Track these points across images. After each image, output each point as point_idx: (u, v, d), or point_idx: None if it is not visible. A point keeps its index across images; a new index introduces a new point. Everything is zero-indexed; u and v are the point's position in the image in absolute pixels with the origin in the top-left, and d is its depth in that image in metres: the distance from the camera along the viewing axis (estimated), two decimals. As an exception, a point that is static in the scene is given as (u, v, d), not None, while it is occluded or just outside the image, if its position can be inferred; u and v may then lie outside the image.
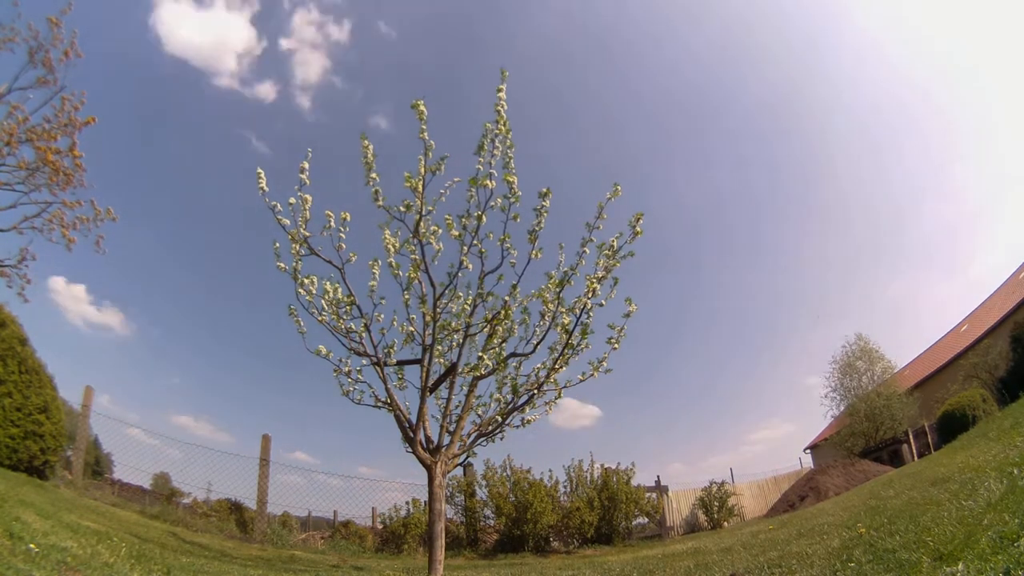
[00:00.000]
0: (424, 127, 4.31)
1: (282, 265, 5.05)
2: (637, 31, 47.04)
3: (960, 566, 2.32)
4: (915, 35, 46.43)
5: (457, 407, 5.21)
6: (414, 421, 5.02)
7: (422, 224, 4.66)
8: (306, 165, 4.90)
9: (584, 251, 4.76)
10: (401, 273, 5.16)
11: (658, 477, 14.91)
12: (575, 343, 4.92)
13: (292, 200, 4.88)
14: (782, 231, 50.72)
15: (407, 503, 10.43)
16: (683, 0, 46.98)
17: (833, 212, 50.68)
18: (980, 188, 46.36)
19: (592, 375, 5.08)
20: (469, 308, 5.11)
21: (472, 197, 4.43)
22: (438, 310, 4.96)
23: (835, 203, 50.58)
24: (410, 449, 4.91)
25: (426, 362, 5.08)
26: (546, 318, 5.03)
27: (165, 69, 36.54)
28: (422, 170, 4.38)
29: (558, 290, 4.87)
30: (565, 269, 4.88)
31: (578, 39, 47.01)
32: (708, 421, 43.50)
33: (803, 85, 47.53)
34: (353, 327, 5.26)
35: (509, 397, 5.22)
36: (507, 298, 5.00)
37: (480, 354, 5.06)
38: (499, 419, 5.22)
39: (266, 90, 42.53)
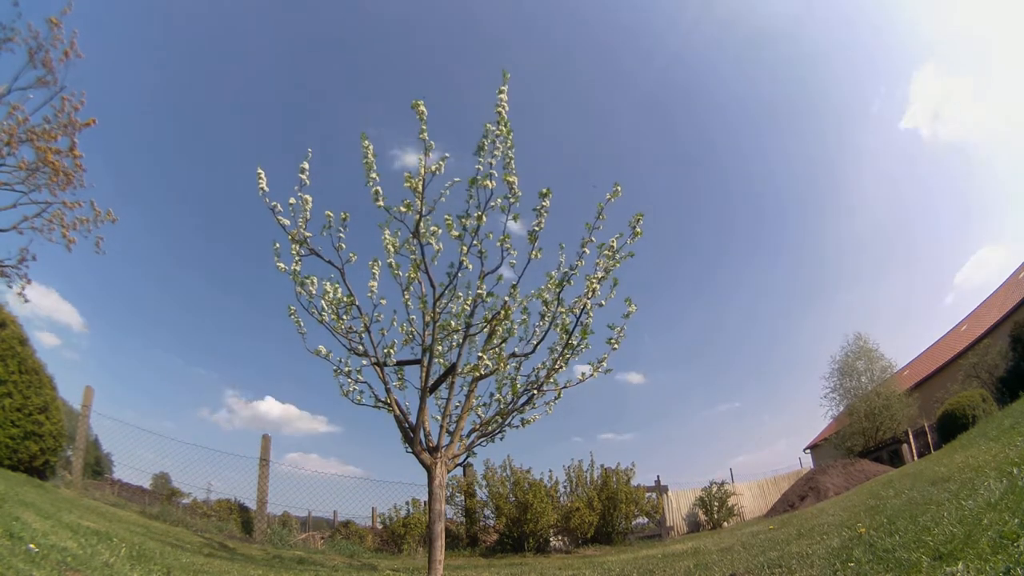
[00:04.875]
0: (424, 127, 4.31)
1: (282, 265, 5.06)
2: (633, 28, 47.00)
3: (960, 566, 2.32)
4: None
5: (457, 407, 5.21)
6: (414, 421, 5.02)
7: (422, 224, 4.66)
8: (306, 166, 4.90)
9: (584, 251, 4.75)
10: (401, 273, 5.16)
11: (658, 477, 14.92)
12: (575, 343, 4.92)
13: (292, 200, 4.88)
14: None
15: (407, 503, 10.43)
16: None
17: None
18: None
19: (592, 375, 5.08)
20: (469, 308, 5.10)
21: (472, 197, 4.43)
22: (438, 310, 4.96)
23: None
24: (410, 449, 4.91)
25: (426, 362, 5.08)
26: (546, 318, 5.03)
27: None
28: (422, 170, 4.38)
29: (558, 290, 4.87)
30: (565, 270, 4.88)
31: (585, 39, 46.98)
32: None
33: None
34: (353, 327, 5.26)
35: (509, 397, 5.22)
36: (507, 298, 5.00)
37: (480, 354, 5.06)
38: (499, 419, 5.22)
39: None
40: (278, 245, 5.04)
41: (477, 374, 5.17)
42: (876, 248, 51.01)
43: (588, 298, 4.77)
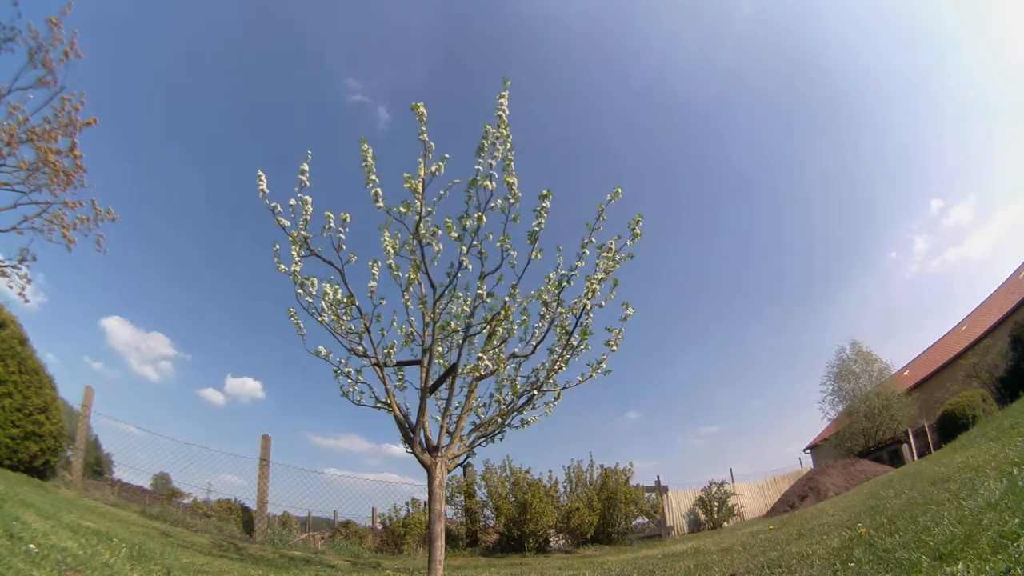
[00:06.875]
0: (424, 129, 4.31)
1: (282, 267, 5.05)
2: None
3: (960, 566, 2.33)
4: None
5: (457, 408, 5.21)
6: (414, 422, 5.03)
7: (422, 225, 4.66)
8: (306, 167, 4.89)
9: (584, 252, 4.76)
10: (401, 274, 5.16)
11: (658, 477, 14.96)
12: (575, 344, 4.92)
13: (292, 201, 4.87)
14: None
15: (407, 503, 10.44)
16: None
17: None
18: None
19: (591, 376, 5.08)
20: (469, 309, 5.10)
21: (471, 198, 4.43)
22: (438, 311, 4.96)
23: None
24: (410, 450, 4.91)
25: (426, 363, 5.09)
26: (545, 319, 5.03)
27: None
28: (422, 172, 4.38)
29: (557, 291, 4.87)
30: (563, 272, 4.88)
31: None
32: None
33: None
34: (353, 328, 5.26)
35: (509, 398, 5.22)
36: (507, 299, 5.00)
37: (480, 355, 5.06)
38: (499, 420, 5.22)
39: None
40: (278, 246, 5.04)
41: (477, 374, 5.18)
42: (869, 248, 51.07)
43: (588, 299, 4.77)
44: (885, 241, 50.69)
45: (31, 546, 2.76)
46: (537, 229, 4.58)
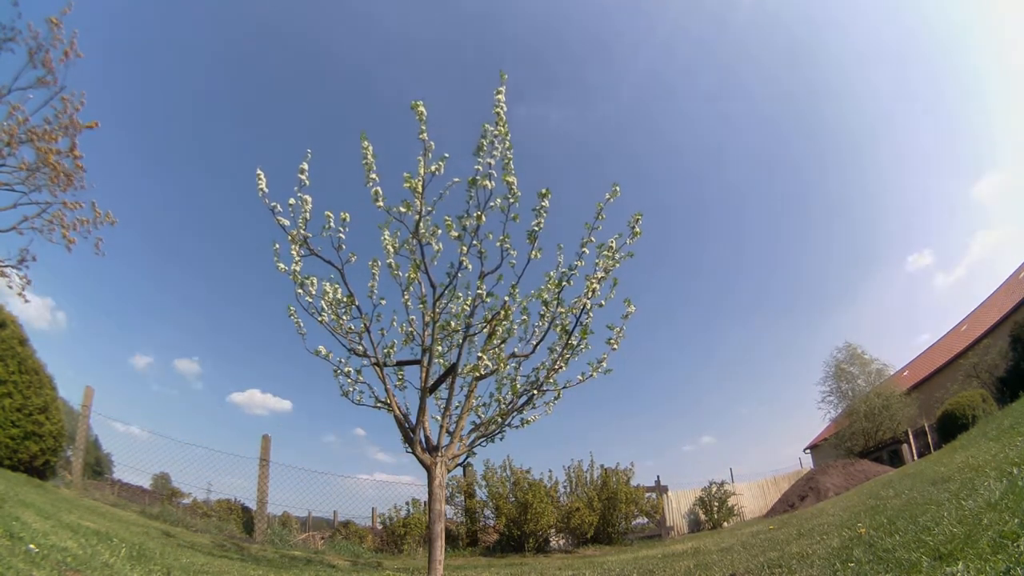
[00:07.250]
0: (424, 128, 4.31)
1: (282, 266, 5.05)
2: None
3: (960, 566, 2.32)
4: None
5: (457, 407, 5.21)
6: (414, 422, 5.02)
7: (421, 224, 4.66)
8: (305, 166, 4.89)
9: (584, 251, 4.75)
10: (401, 274, 5.16)
11: (658, 477, 14.96)
12: (575, 343, 4.92)
13: (292, 201, 4.87)
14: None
15: (407, 503, 10.44)
16: None
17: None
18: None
19: (592, 375, 5.07)
20: (469, 308, 5.10)
21: (471, 198, 4.43)
22: (438, 310, 4.96)
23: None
24: (410, 449, 4.91)
25: (426, 362, 5.08)
26: (545, 319, 5.02)
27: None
28: (421, 171, 4.38)
29: (557, 290, 4.86)
30: (564, 270, 4.88)
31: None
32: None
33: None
34: (353, 328, 5.26)
35: (509, 398, 5.21)
36: (507, 298, 5.00)
37: (480, 354, 5.06)
38: (499, 419, 5.21)
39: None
40: (278, 246, 5.03)
41: (477, 374, 5.17)
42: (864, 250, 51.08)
43: (588, 298, 4.76)
44: (885, 242, 50.67)
45: (31, 546, 2.76)
46: (536, 228, 4.58)
